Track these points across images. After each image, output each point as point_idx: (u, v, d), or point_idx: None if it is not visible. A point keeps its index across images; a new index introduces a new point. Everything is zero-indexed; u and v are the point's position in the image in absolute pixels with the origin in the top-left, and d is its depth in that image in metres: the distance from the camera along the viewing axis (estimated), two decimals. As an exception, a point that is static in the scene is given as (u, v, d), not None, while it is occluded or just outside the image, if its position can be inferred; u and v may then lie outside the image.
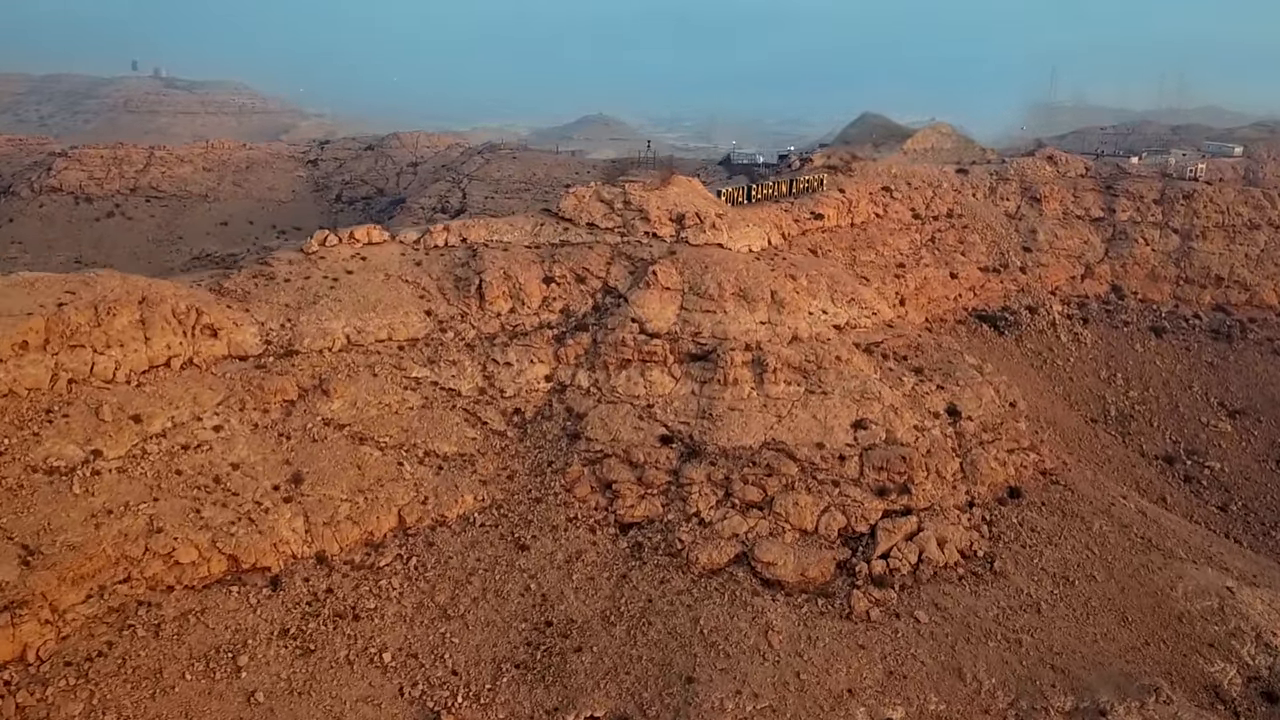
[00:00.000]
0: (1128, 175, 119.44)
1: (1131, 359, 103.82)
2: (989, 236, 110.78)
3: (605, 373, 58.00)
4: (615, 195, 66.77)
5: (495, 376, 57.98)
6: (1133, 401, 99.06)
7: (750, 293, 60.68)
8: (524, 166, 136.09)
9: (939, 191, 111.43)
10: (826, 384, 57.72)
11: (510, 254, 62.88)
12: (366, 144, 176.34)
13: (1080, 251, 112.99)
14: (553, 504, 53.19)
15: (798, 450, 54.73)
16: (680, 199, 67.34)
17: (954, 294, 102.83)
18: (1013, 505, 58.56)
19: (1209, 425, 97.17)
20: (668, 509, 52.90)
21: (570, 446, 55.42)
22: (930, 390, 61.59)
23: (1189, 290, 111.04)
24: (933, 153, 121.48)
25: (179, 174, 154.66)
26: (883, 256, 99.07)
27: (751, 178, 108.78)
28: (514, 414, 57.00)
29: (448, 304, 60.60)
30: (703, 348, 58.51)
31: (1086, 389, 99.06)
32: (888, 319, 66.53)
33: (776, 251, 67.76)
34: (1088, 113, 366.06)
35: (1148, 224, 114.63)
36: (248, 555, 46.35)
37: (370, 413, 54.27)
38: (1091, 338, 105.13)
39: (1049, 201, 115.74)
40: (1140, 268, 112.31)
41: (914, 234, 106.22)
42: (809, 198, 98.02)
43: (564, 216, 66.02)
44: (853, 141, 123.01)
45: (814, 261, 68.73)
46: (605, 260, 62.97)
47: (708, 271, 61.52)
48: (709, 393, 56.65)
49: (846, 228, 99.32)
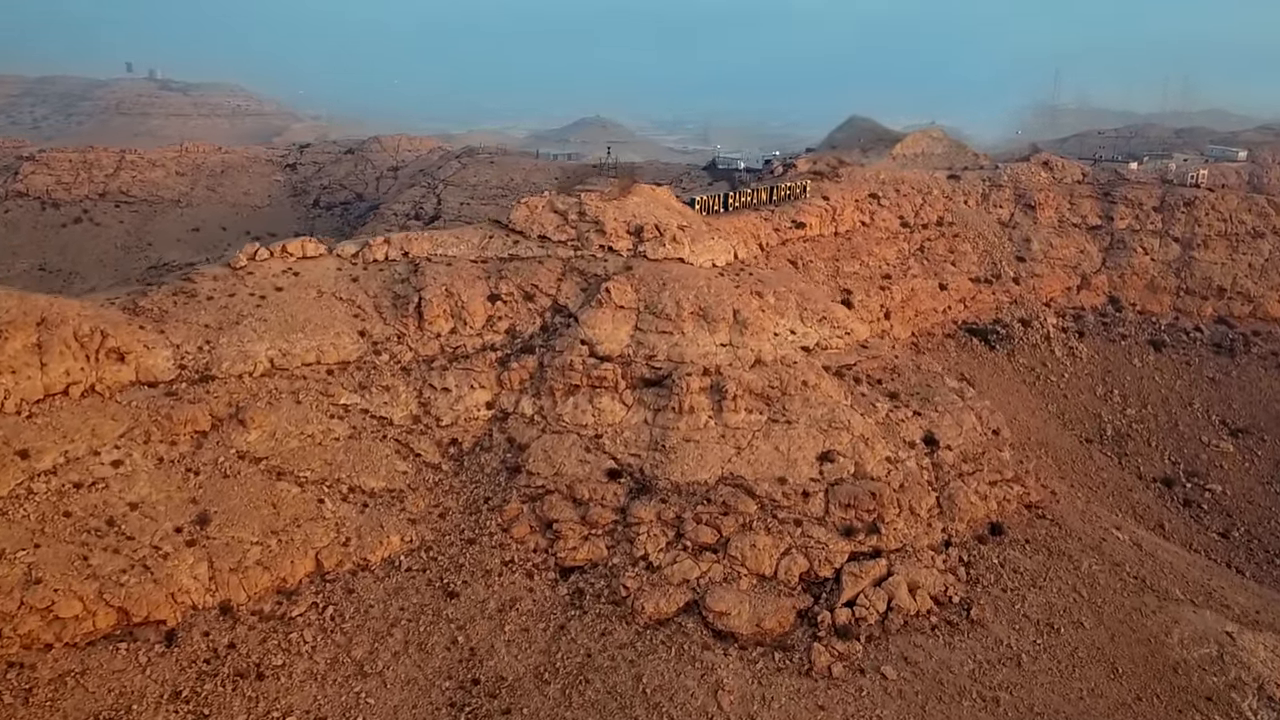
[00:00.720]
0: (1126, 181, 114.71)
1: (1129, 374, 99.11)
2: (981, 246, 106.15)
3: (551, 399, 53.47)
4: (570, 206, 62.22)
5: (432, 403, 53.44)
6: (1130, 420, 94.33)
7: (711, 312, 56.10)
8: (501, 172, 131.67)
9: (929, 198, 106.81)
10: (791, 412, 53.11)
11: (454, 269, 58.36)
12: (347, 148, 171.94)
13: (1076, 261, 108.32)
14: (487, 545, 48.61)
15: (757, 486, 50.13)
16: (640, 210, 62.80)
17: (943, 306, 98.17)
18: (994, 544, 53.92)
19: (1210, 445, 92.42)
20: (613, 551, 48.31)
21: (509, 481, 50.83)
22: (906, 417, 56.96)
23: (1190, 302, 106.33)
24: (923, 158, 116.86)
25: (150, 178, 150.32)
26: (868, 267, 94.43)
27: (732, 184, 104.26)
28: (450, 445, 52.46)
29: (384, 324, 56.09)
30: (658, 372, 53.96)
31: (1081, 406, 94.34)
32: (862, 339, 61.91)
33: (743, 266, 63.20)
34: (1091, 115, 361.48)
35: (1147, 232, 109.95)
36: (140, 607, 41.84)
37: (291, 444, 49.76)
38: (1087, 352, 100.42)
39: (1044, 209, 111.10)
40: (1139, 278, 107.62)
41: (902, 243, 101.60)
42: (790, 205, 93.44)
43: (514, 229, 61.48)
44: (839, 146, 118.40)
45: (783, 277, 64.16)
46: (556, 276, 58.43)
47: (665, 289, 56.97)
48: (662, 422, 52.09)
49: (830, 237, 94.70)
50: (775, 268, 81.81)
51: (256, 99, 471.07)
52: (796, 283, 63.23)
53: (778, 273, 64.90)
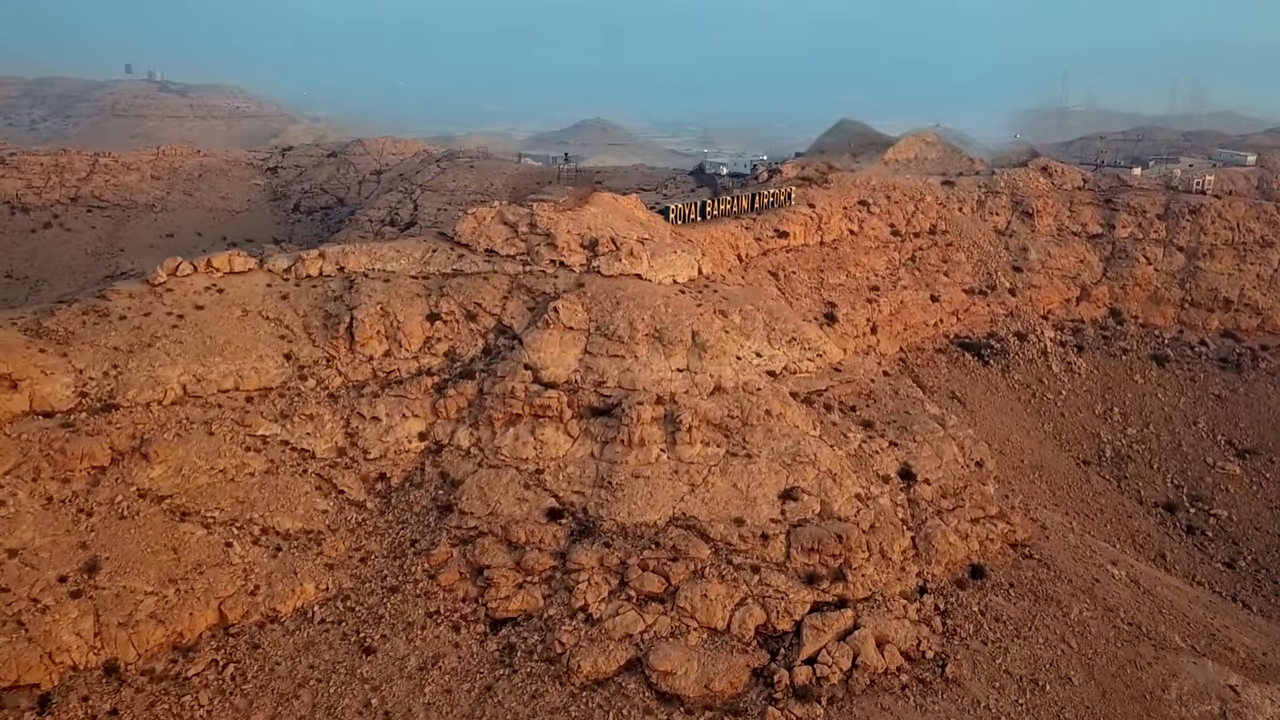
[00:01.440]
0: (1129, 188, 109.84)
1: (1130, 391, 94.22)
2: (975, 255, 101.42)
3: (490, 430, 48.92)
4: (521, 217, 57.69)
5: (359, 434, 48.95)
6: (1130, 440, 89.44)
7: (667, 334, 51.50)
8: (481, 176, 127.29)
9: (921, 205, 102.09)
10: (752, 444, 48.50)
11: (392, 286, 53.88)
12: (329, 150, 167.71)
13: (1076, 271, 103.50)
14: (411, 594, 44.06)
15: (712, 527, 45.53)
16: (597, 221, 58.23)
17: (934, 319, 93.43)
18: (974, 589, 49.20)
19: (1215, 467, 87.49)
20: (549, 601, 43.73)
21: (440, 521, 46.28)
22: (880, 448, 52.30)
23: (1195, 314, 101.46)
24: (916, 163, 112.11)
25: (124, 182, 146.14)
26: (854, 279, 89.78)
27: (714, 190, 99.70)
28: (378, 480, 47.95)
29: (313, 346, 51.62)
30: (607, 400, 49.38)
31: (1079, 425, 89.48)
32: (835, 361, 57.24)
33: (708, 282, 58.58)
34: (1099, 118, 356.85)
35: (1150, 241, 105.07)
36: (9, 670, 37.41)
37: (199, 481, 45.30)
38: (1086, 367, 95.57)
39: (1042, 216, 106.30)
40: (1141, 289, 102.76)
41: (892, 252, 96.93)
42: (773, 213, 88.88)
43: (460, 241, 56.96)
44: (829, 151, 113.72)
45: (752, 293, 59.52)
46: (502, 294, 53.88)
47: (619, 308, 52.40)
48: (610, 455, 47.50)
49: (815, 246, 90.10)
50: (750, 282, 77.28)
51: (256, 101, 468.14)
52: (765, 300, 58.60)
53: (746, 289, 60.28)
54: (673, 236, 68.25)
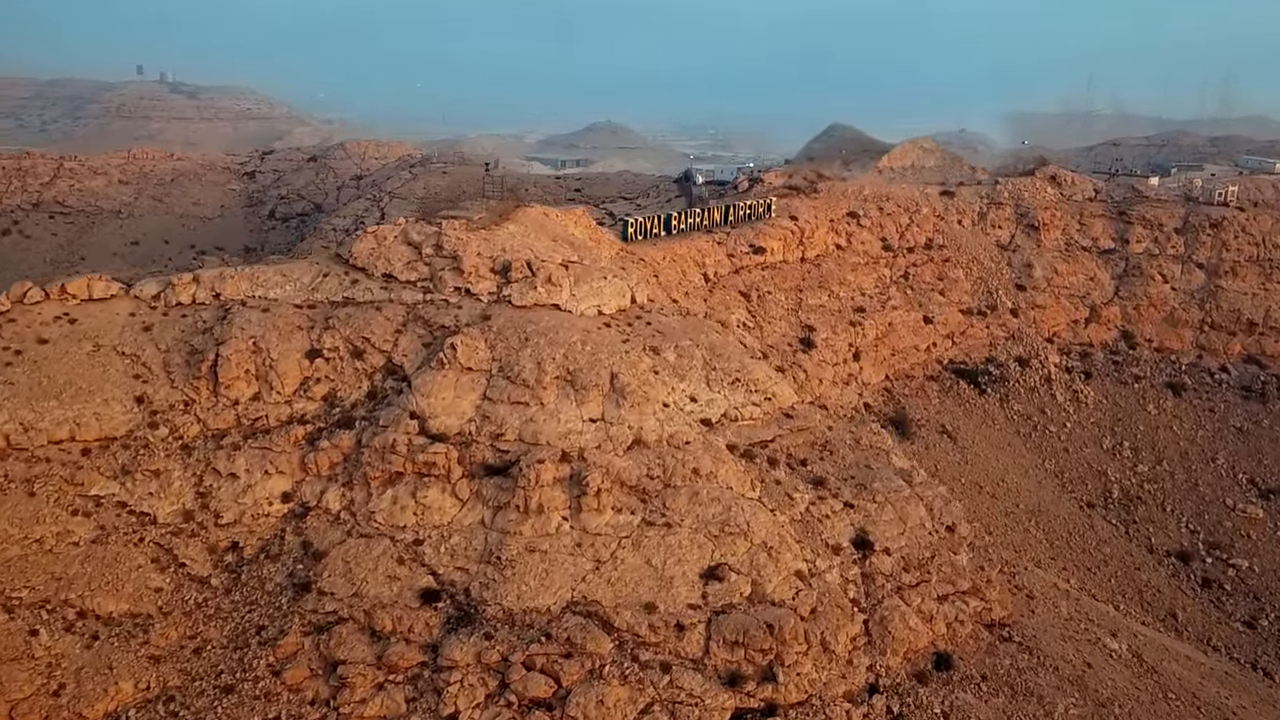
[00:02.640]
0: (1145, 199, 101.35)
1: (1142, 423, 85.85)
2: (975, 271, 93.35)
3: (366, 490, 41.52)
4: (427, 237, 50.23)
5: (213, 494, 41.66)
6: (1141, 479, 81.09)
7: (581, 376, 43.94)
8: (454, 182, 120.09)
9: (917, 217, 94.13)
10: (674, 511, 40.89)
11: (270, 317, 46.56)
12: (310, 154, 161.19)
13: (1085, 290, 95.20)
14: (248, 695, 36.65)
15: (617, 615, 37.95)
16: (515, 242, 50.72)
17: (926, 343, 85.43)
18: (937, 683, 41.37)
19: (1236, 510, 79.09)
20: (413, 706, 36.22)
21: (294, 603, 38.90)
22: (833, 511, 44.57)
23: (1215, 338, 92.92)
24: (912, 171, 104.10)
25: (90, 187, 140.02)
26: (838, 299, 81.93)
27: (689, 201, 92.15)
28: (228, 551, 40.62)
29: (170, 387, 44.39)
30: (504, 457, 41.88)
31: (1085, 463, 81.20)
32: (786, 406, 49.41)
33: (642, 312, 50.90)
34: (1125, 121, 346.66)
35: (1167, 257, 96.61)
36: None
37: (9, 553, 38.15)
38: (1094, 396, 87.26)
39: (1049, 230, 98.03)
40: (1156, 310, 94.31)
41: (882, 269, 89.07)
42: (750, 226, 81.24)
43: (355, 264, 49.61)
44: (818, 157, 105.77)
45: (693, 325, 51.79)
46: (395, 327, 46.44)
47: (527, 345, 44.87)
48: (502, 524, 40.01)
49: (795, 263, 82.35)
50: (718, 304, 69.77)
51: (268, 102, 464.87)
52: (708, 333, 50.86)
53: (688, 320, 52.54)
54: (617, 258, 60.81)
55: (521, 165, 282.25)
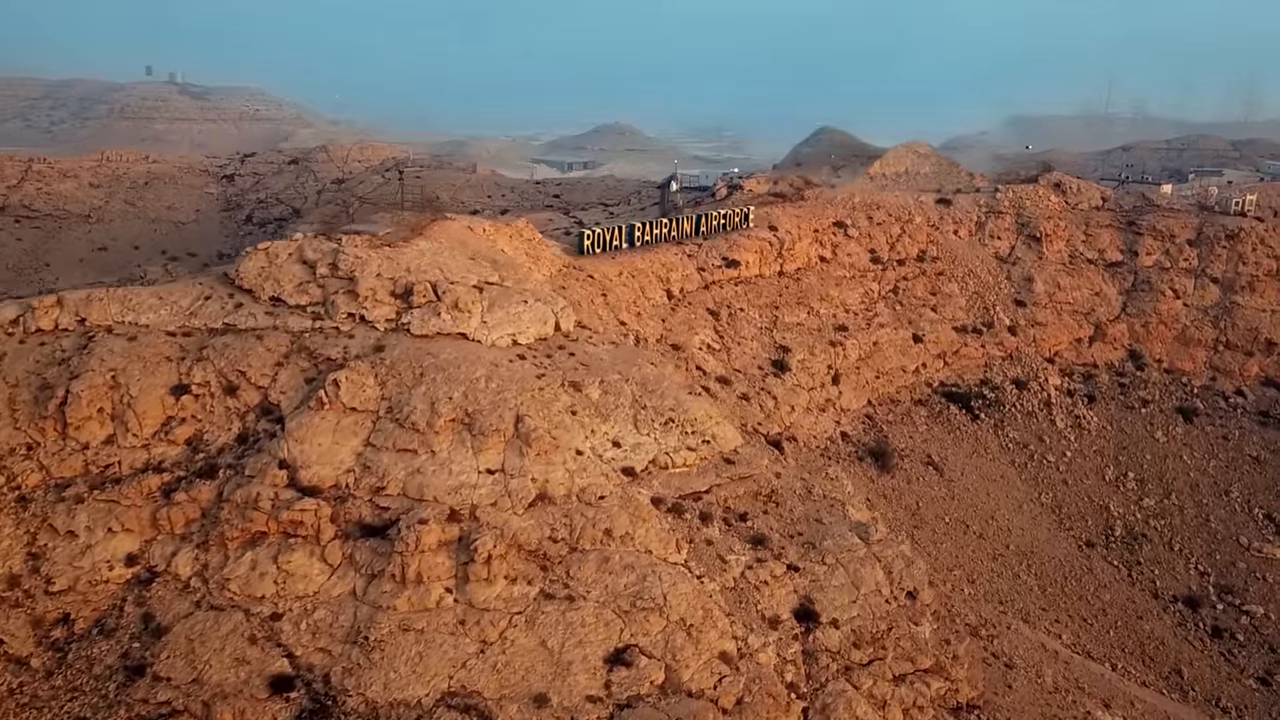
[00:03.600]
0: (1156, 208, 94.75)
1: (1150, 452, 79.26)
2: (971, 286, 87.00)
3: (222, 553, 35.70)
4: (324, 255, 44.41)
5: (46, 555, 35.92)
6: (1147, 514, 74.55)
7: (481, 418, 38.01)
8: (427, 188, 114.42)
9: (909, 227, 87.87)
10: (579, 581, 34.91)
11: (136, 346, 40.85)
12: (291, 157, 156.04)
13: (1089, 306, 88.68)
14: (57, 806, 30.94)
15: (500, 709, 31.98)
16: (424, 261, 44.81)
17: (915, 364, 79.14)
18: (888, 786, 35.26)
19: (1251, 549, 72.51)
20: (249, 822, 30.41)
21: (123, 691, 33.07)
22: (773, 577, 38.49)
23: (1230, 358, 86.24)
24: (906, 177, 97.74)
25: (59, 190, 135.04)
26: (818, 316, 75.77)
27: (663, 209, 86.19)
28: (58, 624, 34.86)
29: (14, 428, 38.70)
30: (384, 515, 35.99)
31: (1084, 496, 74.71)
32: (728, 449, 43.25)
33: (566, 342, 44.89)
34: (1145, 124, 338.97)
35: (1179, 271, 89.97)
36: None
37: None
38: (1098, 422, 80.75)
39: (1052, 241, 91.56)
40: (1167, 328, 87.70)
41: (870, 283, 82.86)
42: (724, 237, 75.28)
43: (243, 286, 43.87)
44: (806, 163, 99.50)
45: (624, 356, 45.67)
46: (275, 359, 40.64)
47: (422, 382, 38.98)
48: (375, 596, 34.11)
49: (773, 277, 76.27)
50: (681, 323, 63.79)
51: (277, 103, 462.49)
52: (639, 367, 44.77)
53: (619, 350, 46.45)
54: (557, 276, 54.94)
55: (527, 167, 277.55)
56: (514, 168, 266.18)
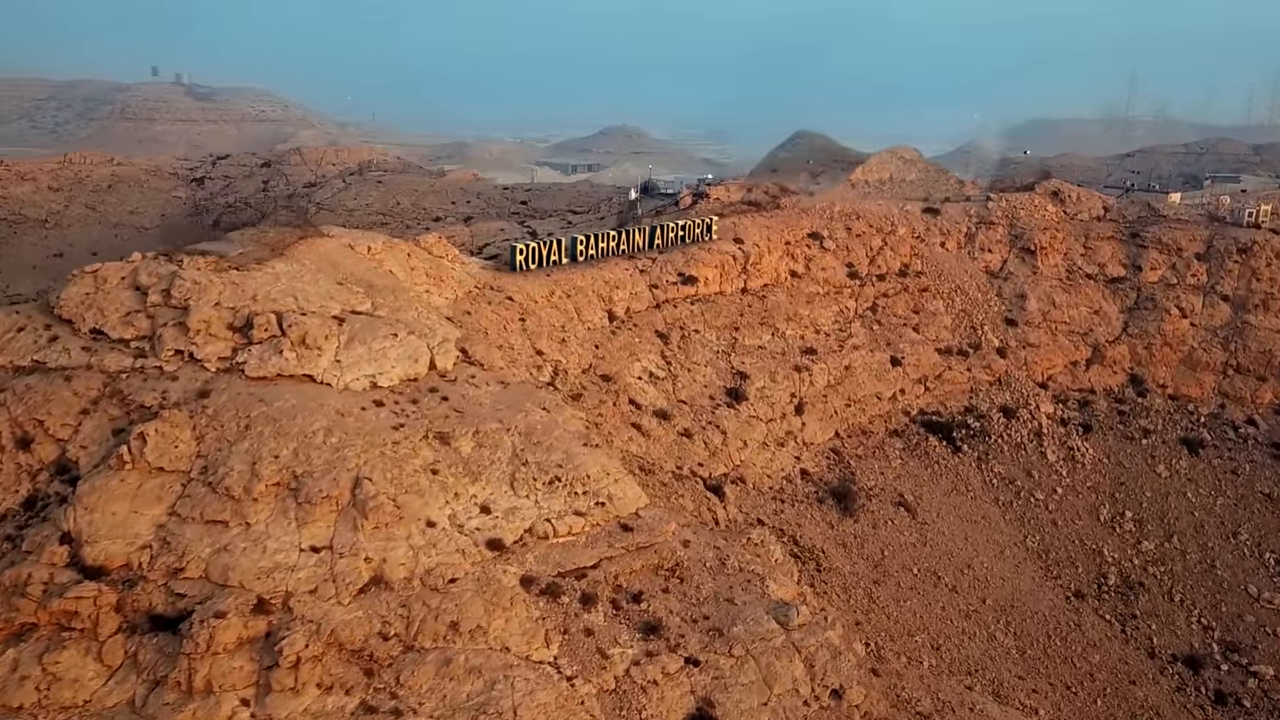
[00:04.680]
0: (1162, 219, 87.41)
1: (1150, 488, 72.06)
2: (958, 303, 79.98)
3: (-20, 650, 29.33)
4: (159, 280, 37.96)
5: None
6: (1145, 559, 67.40)
7: (310, 484, 31.49)
8: (389, 193, 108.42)
9: (891, 239, 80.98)
10: (411, 690, 28.36)
11: (-76, 389, 34.63)
12: (264, 160, 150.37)
13: (1087, 325, 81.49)
14: None
15: None
16: (277, 287, 38.33)
17: (892, 390, 72.20)
18: None
19: (1261, 600, 65.35)
20: None
21: None
22: (665, 675, 31.79)
23: (1241, 384, 78.90)
24: (891, 185, 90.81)
25: (15, 194, 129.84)
26: (783, 338, 69.00)
27: (621, 220, 79.59)
28: None
29: None
30: (179, 604, 29.54)
31: (1076, 539, 67.61)
32: (626, 512, 36.45)
33: (442, 383, 38.34)
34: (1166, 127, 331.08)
35: (1186, 288, 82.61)
36: None
37: None
38: (1093, 455, 73.56)
39: (1048, 254, 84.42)
40: (1172, 350, 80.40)
41: (846, 300, 76.03)
42: (682, 251, 68.62)
43: (63, 315, 37.58)
44: (782, 169, 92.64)
45: (511, 400, 38.94)
46: (82, 406, 34.25)
47: (246, 436, 32.48)
48: (155, 709, 27.66)
49: (735, 295, 69.58)
50: (621, 347, 57.21)
51: (283, 104, 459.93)
52: (532, 410, 38.10)
53: (508, 392, 39.71)
54: (462, 300, 48.36)
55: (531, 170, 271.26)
56: (516, 171, 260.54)
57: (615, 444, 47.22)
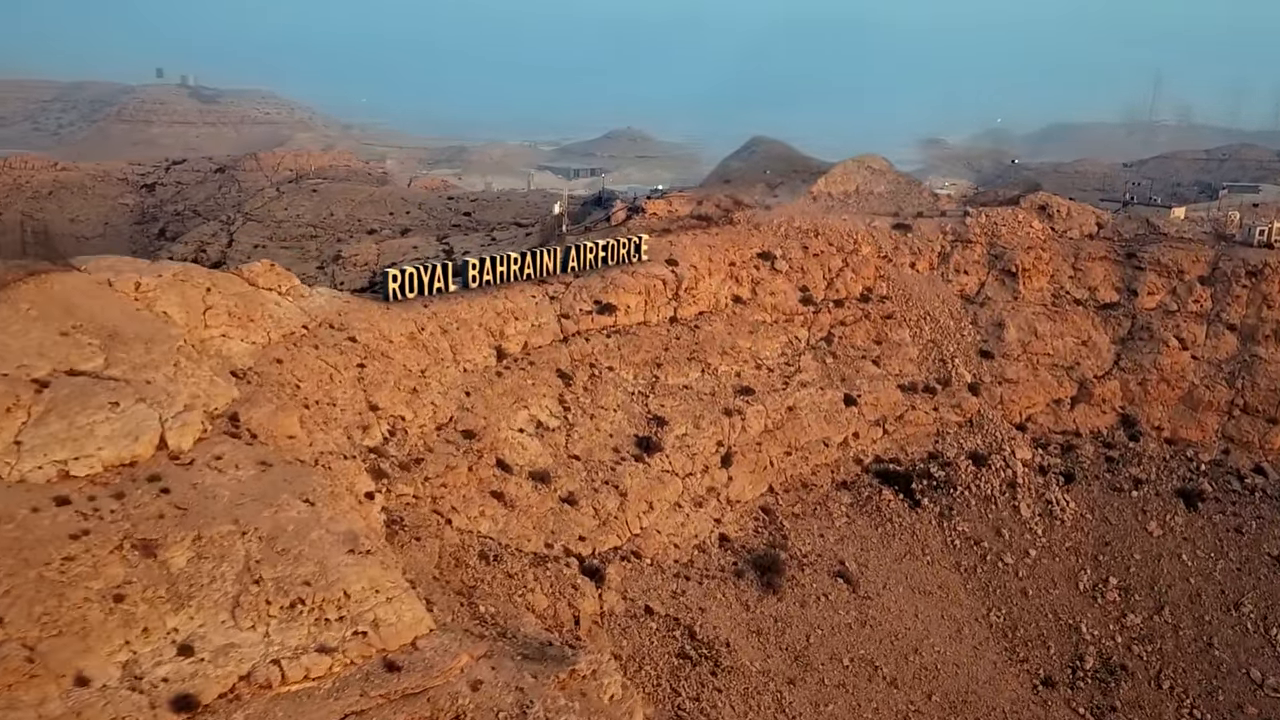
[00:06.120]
0: (1163, 237, 77.87)
1: (1140, 549, 62.80)
2: (926, 332, 70.92)
3: None
4: None
5: None
6: (1130, 637, 58.14)
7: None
8: (322, 202, 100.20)
9: (854, 259, 72.10)
10: None
11: None
12: (218, 165, 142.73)
13: (1074, 358, 72.25)
14: None
15: None
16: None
17: (843, 434, 63.22)
18: None
19: (1265, 686, 56.08)
20: None
21: None
22: None
23: (1249, 427, 69.44)
24: (857, 197, 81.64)
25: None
26: (715, 375, 60.17)
27: (545, 238, 70.82)
28: None
29: None
30: None
31: (1050, 611, 58.42)
32: (395, 645, 27.70)
33: (174, 466, 29.70)
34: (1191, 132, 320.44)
35: (1187, 315, 73.15)
36: None
37: None
38: (1075, 509, 64.34)
39: (1031, 276, 75.19)
40: (1170, 387, 71.02)
41: (797, 329, 67.25)
42: (601, 274, 59.97)
43: None
44: (736, 180, 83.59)
45: (263, 488, 30.09)
46: None
47: None
48: None
49: (662, 325, 60.86)
50: (509, 390, 48.57)
51: (288, 106, 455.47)
52: (287, 505, 29.38)
53: (267, 475, 30.88)
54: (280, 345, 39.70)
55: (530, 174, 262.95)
56: (515, 175, 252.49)
57: (455, 524, 38.51)
